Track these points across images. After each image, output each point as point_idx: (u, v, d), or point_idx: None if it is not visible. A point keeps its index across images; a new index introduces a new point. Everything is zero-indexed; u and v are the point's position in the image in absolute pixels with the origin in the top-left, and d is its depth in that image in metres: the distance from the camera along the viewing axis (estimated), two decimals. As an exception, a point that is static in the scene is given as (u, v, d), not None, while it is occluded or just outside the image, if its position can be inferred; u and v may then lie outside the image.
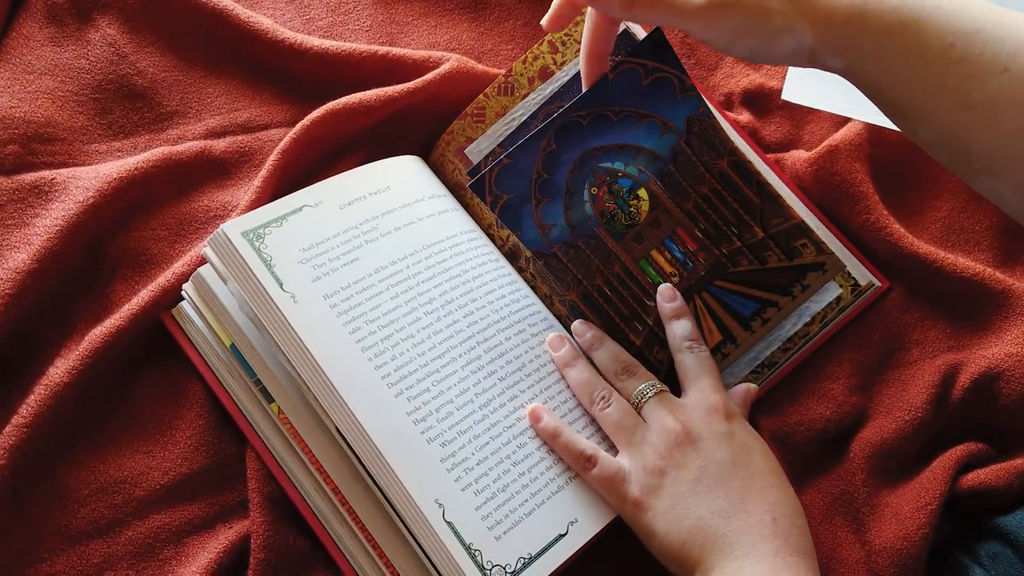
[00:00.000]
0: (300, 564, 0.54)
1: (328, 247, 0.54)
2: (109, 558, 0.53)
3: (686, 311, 0.56)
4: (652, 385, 0.53)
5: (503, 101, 0.62)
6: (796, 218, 0.58)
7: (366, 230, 0.55)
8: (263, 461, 0.55)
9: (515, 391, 0.54)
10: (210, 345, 0.56)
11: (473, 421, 0.51)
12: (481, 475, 0.50)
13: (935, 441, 0.58)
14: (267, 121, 0.66)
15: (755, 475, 0.49)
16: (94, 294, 0.59)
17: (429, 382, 0.52)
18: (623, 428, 0.52)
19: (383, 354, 0.51)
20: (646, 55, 0.54)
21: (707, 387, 0.53)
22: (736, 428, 0.51)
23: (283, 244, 0.52)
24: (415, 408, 0.50)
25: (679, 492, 0.49)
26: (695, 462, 0.49)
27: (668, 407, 0.52)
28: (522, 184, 0.56)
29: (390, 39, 0.69)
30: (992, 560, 0.52)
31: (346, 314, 0.51)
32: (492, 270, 0.59)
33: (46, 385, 0.54)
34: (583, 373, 0.55)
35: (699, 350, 0.55)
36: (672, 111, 0.57)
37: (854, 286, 0.59)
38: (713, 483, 0.48)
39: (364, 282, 0.53)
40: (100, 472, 0.55)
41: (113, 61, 0.65)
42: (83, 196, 0.57)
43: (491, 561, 0.47)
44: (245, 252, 0.51)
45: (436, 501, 0.48)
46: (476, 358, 0.54)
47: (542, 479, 0.51)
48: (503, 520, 0.49)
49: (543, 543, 0.49)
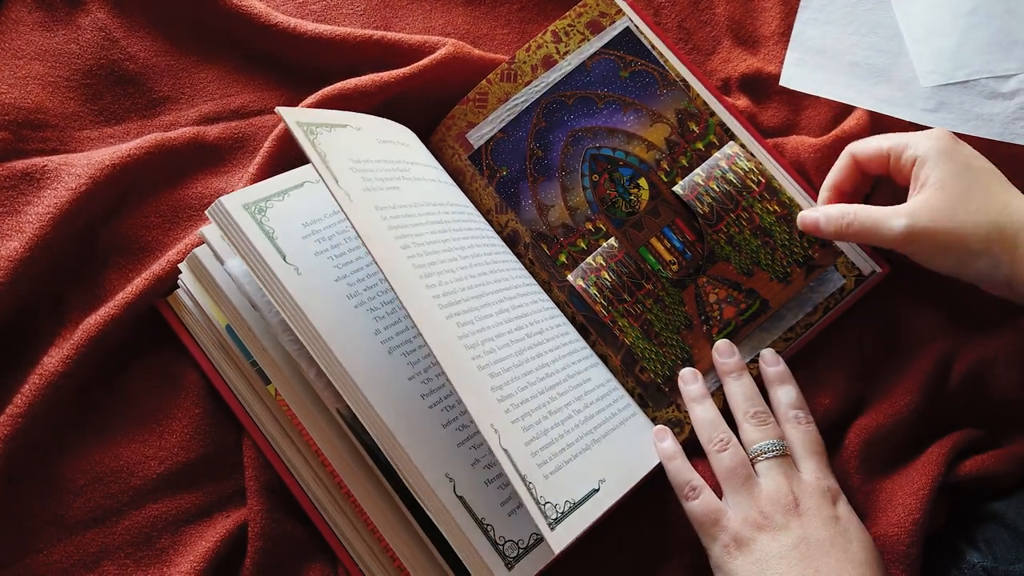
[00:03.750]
0: (298, 552, 0.54)
1: (374, 167, 0.52)
2: (106, 548, 0.53)
3: (789, 376, 0.56)
4: (778, 445, 0.52)
5: (506, 87, 0.61)
6: (797, 208, 0.58)
7: (402, 168, 0.54)
8: (260, 449, 0.54)
9: (540, 350, 0.53)
10: (206, 331, 0.55)
11: (512, 363, 0.50)
12: (527, 413, 0.49)
13: (931, 428, 0.58)
14: (261, 106, 0.65)
15: (851, 561, 0.48)
16: (87, 282, 0.58)
17: (473, 315, 0.50)
18: (735, 475, 0.51)
19: (432, 276, 0.49)
20: (621, 47, 0.55)
21: (818, 468, 0.52)
22: (842, 514, 0.51)
23: (334, 147, 0.50)
24: (464, 334, 0.48)
25: (771, 552, 0.49)
26: (796, 531, 0.49)
27: (786, 473, 0.51)
28: (517, 159, 0.56)
29: (384, 23, 0.69)
30: (989, 544, 0.52)
31: (397, 229, 0.49)
32: (500, 245, 0.59)
33: (40, 375, 0.53)
34: (709, 412, 0.55)
35: (806, 423, 0.54)
36: (659, 102, 0.57)
37: (858, 277, 0.59)
38: (807, 555, 0.48)
39: (408, 209, 0.52)
40: (96, 462, 0.54)
41: (104, 46, 0.64)
42: (75, 183, 0.57)
43: (543, 496, 0.46)
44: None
45: (492, 426, 0.46)
46: (505, 310, 0.53)
47: (573, 433, 0.51)
48: (549, 461, 0.48)
49: (583, 492, 0.49)
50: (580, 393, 0.53)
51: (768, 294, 0.57)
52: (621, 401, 0.56)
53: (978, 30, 0.65)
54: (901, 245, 0.51)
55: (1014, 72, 0.64)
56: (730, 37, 0.69)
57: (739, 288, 0.58)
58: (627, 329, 0.58)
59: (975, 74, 0.65)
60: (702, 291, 0.58)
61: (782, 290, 0.57)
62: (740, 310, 0.57)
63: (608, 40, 0.61)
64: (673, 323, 0.58)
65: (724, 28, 0.70)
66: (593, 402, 0.54)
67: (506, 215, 0.61)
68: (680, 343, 0.57)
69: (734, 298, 0.58)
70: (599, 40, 0.62)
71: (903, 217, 0.50)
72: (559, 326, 0.56)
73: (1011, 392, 0.58)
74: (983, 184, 0.50)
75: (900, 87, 0.65)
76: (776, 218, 0.58)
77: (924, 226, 0.49)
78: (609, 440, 0.52)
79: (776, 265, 0.57)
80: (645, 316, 0.58)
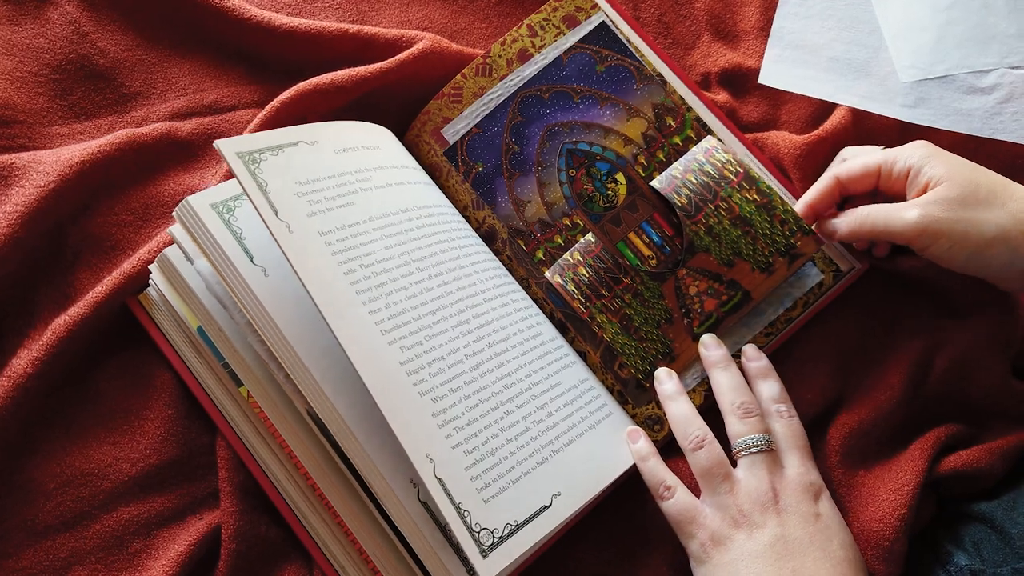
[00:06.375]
0: (272, 554, 0.53)
1: (324, 186, 0.51)
2: (77, 552, 0.52)
3: (772, 371, 0.55)
4: (763, 439, 0.51)
5: (481, 82, 0.61)
6: (777, 197, 0.58)
7: (360, 178, 0.54)
8: (233, 449, 0.54)
9: (502, 359, 0.52)
10: (178, 330, 0.54)
11: (463, 381, 0.50)
12: (471, 435, 0.48)
13: (912, 423, 0.58)
14: (235, 102, 0.64)
15: (829, 559, 0.48)
16: (57, 281, 0.57)
17: (422, 336, 0.49)
18: (711, 474, 0.51)
19: (377, 300, 0.49)
20: (597, 42, 0.54)
21: (800, 463, 0.51)
22: (823, 511, 0.50)
23: (279, 173, 0.50)
24: (408, 359, 0.48)
25: (747, 551, 0.48)
26: (774, 529, 0.48)
27: (768, 468, 0.51)
28: (493, 154, 0.56)
29: (360, 17, 0.68)
30: (976, 546, 0.52)
31: (341, 255, 0.49)
32: (475, 244, 0.58)
33: (9, 376, 0.52)
34: (683, 409, 0.54)
35: (789, 417, 0.53)
36: (635, 97, 0.57)
37: (836, 272, 0.58)
38: (784, 554, 0.47)
39: (359, 227, 0.51)
40: (66, 464, 0.53)
41: (73, 40, 0.62)
42: (44, 181, 0.56)
43: (479, 524, 0.46)
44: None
45: (427, 456, 0.46)
46: (465, 321, 0.52)
47: (528, 448, 0.50)
48: (491, 484, 0.48)
49: (529, 512, 0.48)
50: (544, 401, 0.53)
51: (750, 285, 0.57)
52: (596, 402, 0.55)
53: (956, 25, 0.65)
54: (915, 237, 0.51)
55: (992, 67, 0.64)
56: (710, 31, 0.69)
57: (720, 280, 0.57)
58: (606, 325, 0.57)
59: (954, 69, 0.65)
60: (682, 284, 0.57)
61: (764, 280, 0.57)
62: (722, 302, 0.57)
63: (584, 34, 0.60)
64: (653, 317, 0.57)
65: (704, 22, 0.69)
66: (560, 408, 0.53)
67: (483, 211, 0.60)
68: (660, 337, 0.57)
69: (715, 290, 0.57)
70: (575, 34, 0.61)
71: (916, 207, 0.50)
72: (531, 328, 0.56)
73: (992, 386, 0.58)
74: (986, 176, 0.51)
75: (879, 82, 0.65)
76: (756, 207, 0.58)
77: (937, 215, 0.49)
78: (576, 446, 0.52)
79: (758, 255, 0.57)
80: (624, 311, 0.57)
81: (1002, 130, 0.63)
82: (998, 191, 0.50)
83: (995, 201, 0.49)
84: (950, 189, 0.50)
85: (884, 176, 0.54)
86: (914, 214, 0.50)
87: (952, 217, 0.49)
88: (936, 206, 0.50)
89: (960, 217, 0.49)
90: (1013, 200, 0.49)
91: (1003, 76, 0.64)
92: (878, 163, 0.54)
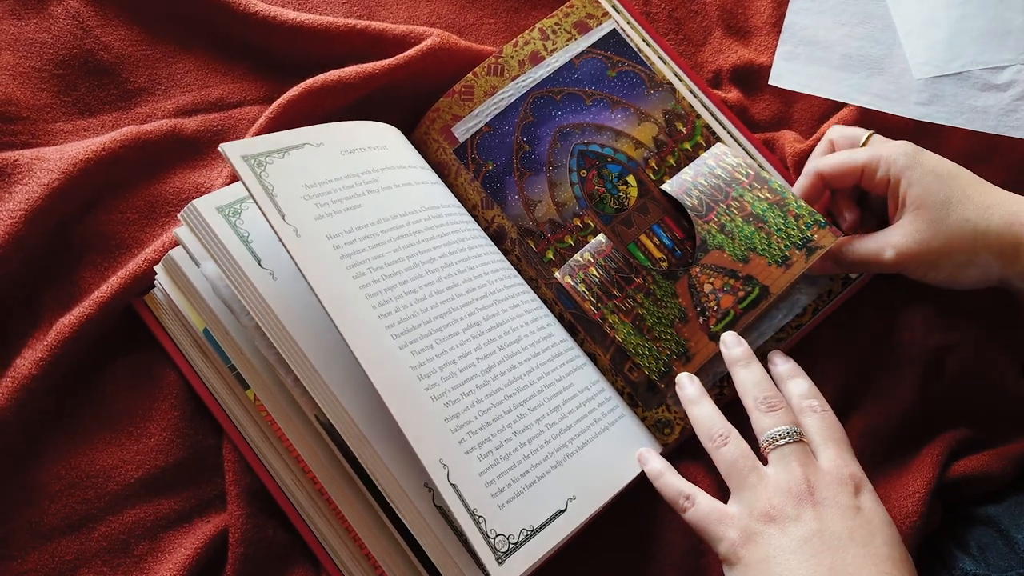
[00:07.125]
0: (280, 557, 0.53)
1: (331, 188, 0.51)
2: (82, 555, 0.51)
3: (800, 370, 0.53)
4: (792, 430, 0.48)
5: (492, 81, 0.60)
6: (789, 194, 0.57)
7: (368, 180, 0.53)
8: (240, 452, 0.53)
9: (514, 362, 0.52)
10: (184, 332, 0.54)
11: (475, 385, 0.49)
12: (484, 440, 0.48)
13: (924, 425, 0.57)
14: (240, 98, 0.64)
15: (873, 556, 0.43)
16: (61, 281, 0.56)
17: (432, 339, 0.49)
18: (738, 470, 0.48)
19: (387, 303, 0.48)
20: (608, 48, 0.54)
21: (837, 454, 0.48)
22: (865, 505, 0.46)
23: (286, 176, 0.49)
24: (419, 363, 0.47)
25: (780, 546, 0.44)
26: (809, 523, 0.44)
27: (800, 460, 0.47)
28: (503, 153, 0.56)
29: (368, 12, 0.67)
30: (981, 550, 0.52)
31: (350, 258, 0.48)
32: (484, 244, 0.57)
33: (13, 377, 0.52)
34: (706, 410, 0.51)
35: (823, 412, 0.50)
36: (646, 102, 0.57)
37: (845, 279, 0.58)
38: (822, 549, 0.43)
39: (367, 229, 0.50)
40: (71, 466, 0.53)
41: (77, 35, 0.62)
42: (48, 179, 0.55)
43: (494, 529, 0.45)
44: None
45: (441, 461, 0.45)
46: (476, 323, 0.51)
47: (542, 452, 0.49)
48: (506, 489, 0.47)
49: (544, 516, 0.48)
50: (557, 403, 0.52)
51: (767, 279, 0.56)
52: (607, 405, 0.54)
53: (971, 20, 0.65)
54: (896, 270, 0.54)
55: (1008, 63, 0.64)
56: (721, 27, 0.68)
57: (735, 276, 0.56)
58: (617, 326, 0.56)
59: (969, 65, 0.64)
60: (696, 281, 0.56)
61: (783, 274, 0.55)
62: (739, 298, 0.56)
63: (595, 40, 0.60)
64: (666, 316, 0.56)
65: (715, 18, 0.68)
66: (573, 410, 0.52)
67: (492, 210, 0.59)
68: (674, 336, 0.56)
69: (731, 286, 0.56)
70: (586, 40, 0.61)
71: (892, 248, 0.53)
72: (542, 329, 0.55)
73: (1005, 388, 0.57)
74: (959, 191, 0.52)
75: (893, 79, 0.64)
76: (768, 204, 0.57)
77: (911, 249, 0.53)
78: (590, 449, 0.51)
79: (773, 249, 0.56)
80: (636, 311, 0.57)
81: (1018, 127, 0.62)
82: (968, 207, 0.52)
83: (964, 220, 0.52)
84: (922, 216, 0.53)
85: (867, 177, 0.55)
86: (891, 255, 0.53)
87: (923, 249, 0.53)
88: (909, 238, 0.53)
89: (930, 248, 0.53)
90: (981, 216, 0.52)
91: (1019, 72, 0.63)
92: (860, 165, 0.55)
